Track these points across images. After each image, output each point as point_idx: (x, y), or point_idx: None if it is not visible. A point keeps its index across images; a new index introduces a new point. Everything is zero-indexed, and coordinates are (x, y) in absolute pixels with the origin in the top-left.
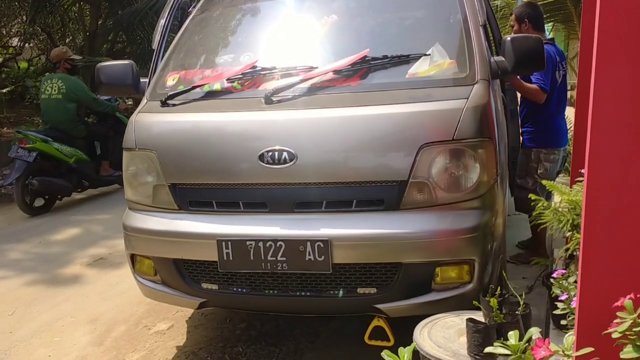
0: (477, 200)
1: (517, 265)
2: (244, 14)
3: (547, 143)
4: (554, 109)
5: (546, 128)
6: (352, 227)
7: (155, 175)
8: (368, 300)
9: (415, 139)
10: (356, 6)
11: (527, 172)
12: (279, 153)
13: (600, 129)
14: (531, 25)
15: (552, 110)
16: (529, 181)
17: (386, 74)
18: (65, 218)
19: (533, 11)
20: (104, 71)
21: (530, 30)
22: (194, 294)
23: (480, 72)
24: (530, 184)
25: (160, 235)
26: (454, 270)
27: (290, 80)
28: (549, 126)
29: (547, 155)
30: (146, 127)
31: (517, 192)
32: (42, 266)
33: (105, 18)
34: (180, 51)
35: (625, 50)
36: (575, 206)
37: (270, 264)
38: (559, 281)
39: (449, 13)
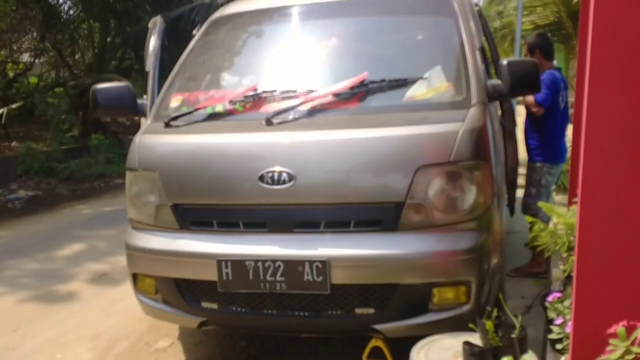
0: (474, 221)
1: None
2: (246, 38)
3: (551, 159)
4: (558, 130)
5: (551, 146)
6: (350, 248)
7: (158, 195)
8: (366, 321)
9: (412, 161)
10: (355, 30)
11: (531, 182)
12: (278, 174)
13: (593, 155)
14: (542, 55)
15: (557, 131)
16: (532, 190)
17: (384, 97)
18: (69, 233)
19: (543, 42)
20: (102, 93)
21: (542, 59)
22: (194, 312)
23: (476, 95)
24: (534, 192)
25: (162, 254)
26: (451, 291)
27: (291, 103)
28: (554, 145)
29: (549, 169)
30: (149, 147)
31: (523, 199)
32: (47, 282)
33: (114, 35)
34: (184, 73)
35: (617, 80)
36: (572, 228)
37: (269, 284)
38: (554, 305)
39: (446, 37)
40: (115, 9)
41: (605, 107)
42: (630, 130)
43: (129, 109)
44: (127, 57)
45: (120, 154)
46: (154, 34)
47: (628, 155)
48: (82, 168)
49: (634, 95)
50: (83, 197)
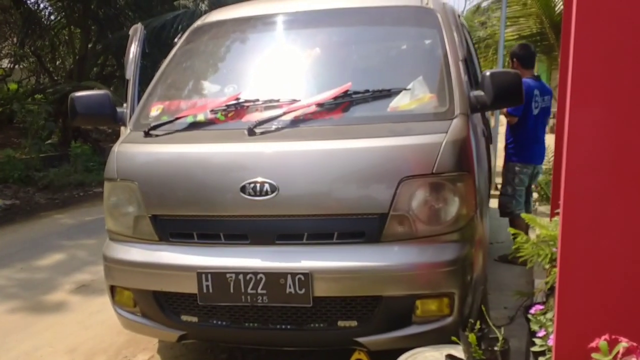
0: (457, 233)
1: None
2: (228, 46)
3: (522, 159)
4: (531, 134)
5: (522, 148)
6: (333, 260)
7: (137, 206)
8: (349, 334)
9: (395, 172)
10: (339, 40)
11: (507, 181)
12: (260, 185)
13: (574, 169)
14: (519, 64)
15: (529, 134)
16: (509, 189)
17: (368, 108)
18: (48, 243)
19: (520, 51)
20: (80, 101)
21: (520, 68)
22: (174, 326)
23: (459, 107)
24: (510, 191)
25: (140, 266)
26: (434, 303)
27: (273, 113)
28: (525, 147)
29: (522, 169)
30: (128, 157)
31: (500, 198)
32: (24, 293)
33: (95, 42)
34: (164, 81)
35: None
36: (555, 240)
37: (251, 296)
38: (537, 317)
39: (429, 48)
40: (96, 15)
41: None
42: (611, 144)
43: (108, 117)
44: (109, 64)
45: (101, 162)
46: (135, 41)
47: (609, 168)
48: (61, 177)
49: (615, 108)
50: (62, 206)
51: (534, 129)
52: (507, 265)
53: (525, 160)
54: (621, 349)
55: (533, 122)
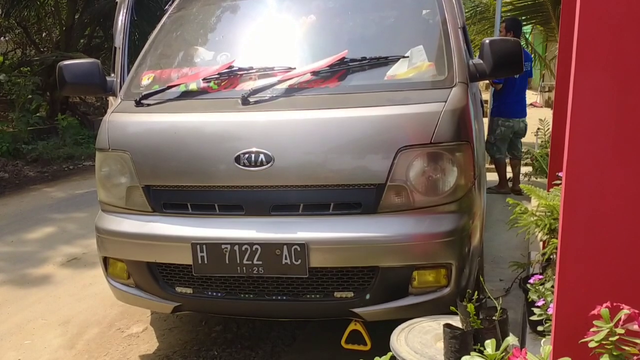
0: (455, 203)
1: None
2: (221, 13)
3: (503, 114)
4: (511, 94)
5: (506, 106)
6: (329, 231)
7: (129, 176)
8: (345, 304)
9: (393, 142)
10: (335, 7)
11: (490, 131)
12: (255, 155)
13: (578, 135)
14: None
15: (509, 94)
16: (491, 138)
17: (365, 76)
18: (39, 216)
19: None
20: (69, 70)
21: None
22: (168, 297)
23: (458, 75)
24: (492, 139)
25: (134, 238)
26: (431, 274)
27: (268, 81)
28: (508, 105)
29: (503, 122)
30: (120, 127)
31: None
32: (14, 266)
33: (82, 12)
34: (155, 50)
35: (603, 58)
36: (553, 210)
37: (246, 267)
38: (536, 286)
39: (428, 15)
40: None
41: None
42: (615, 110)
43: (97, 86)
44: (96, 35)
45: (90, 135)
46: (123, 8)
47: (613, 135)
48: (50, 150)
49: (620, 73)
50: (51, 180)
51: (517, 91)
52: (504, 238)
53: (508, 116)
54: (623, 316)
55: (516, 85)
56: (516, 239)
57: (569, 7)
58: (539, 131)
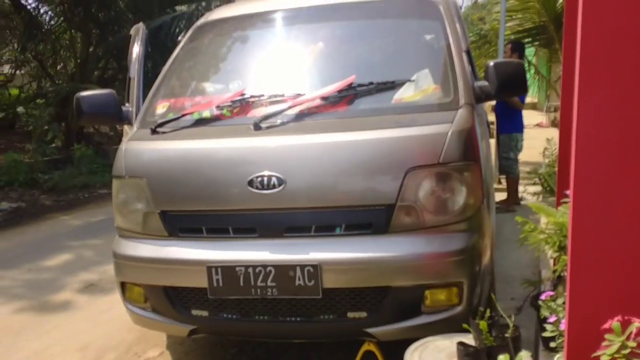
0: (464, 222)
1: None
2: (232, 43)
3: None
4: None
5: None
6: (341, 252)
7: (145, 202)
8: (358, 325)
9: (401, 163)
10: (342, 34)
11: (509, 148)
12: (267, 178)
13: (584, 152)
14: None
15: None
16: (511, 154)
17: (372, 100)
18: (56, 244)
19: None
20: (86, 101)
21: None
22: (185, 321)
23: (464, 97)
24: (512, 155)
25: (150, 262)
26: (442, 293)
27: (279, 107)
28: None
29: (519, 137)
30: (136, 154)
31: (504, 161)
32: (32, 293)
33: (96, 45)
34: (169, 79)
35: (607, 75)
36: (562, 228)
37: (260, 289)
38: (547, 303)
39: (433, 39)
40: (97, 19)
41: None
42: (620, 126)
43: (114, 116)
44: (110, 67)
45: (104, 164)
46: (137, 40)
47: (619, 151)
48: (66, 179)
49: (623, 91)
50: (67, 208)
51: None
52: (514, 257)
53: (521, 131)
54: (634, 329)
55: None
56: (527, 258)
57: (571, 28)
58: (546, 151)
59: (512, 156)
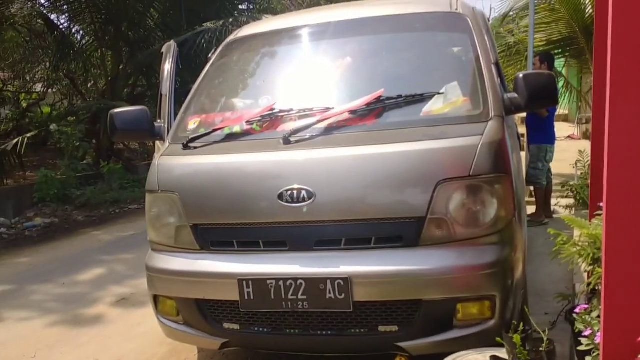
0: (496, 235)
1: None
2: (261, 59)
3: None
4: (552, 121)
5: (549, 131)
6: (371, 265)
7: (178, 216)
8: (390, 338)
9: (432, 176)
10: (370, 48)
11: (538, 159)
12: (297, 192)
13: (617, 162)
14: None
15: (551, 121)
16: (539, 165)
17: (401, 113)
18: (89, 258)
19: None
20: (119, 117)
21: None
22: (216, 334)
23: (494, 109)
24: (540, 166)
25: (183, 275)
26: (475, 307)
27: (308, 121)
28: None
29: (550, 148)
30: (169, 169)
31: (531, 171)
32: (66, 307)
33: (126, 63)
34: (200, 95)
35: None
36: (596, 240)
37: (291, 302)
38: (582, 316)
39: (461, 52)
40: (127, 37)
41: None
42: None
43: (146, 132)
44: (139, 85)
45: (134, 180)
46: (169, 58)
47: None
48: (97, 195)
49: None
50: (99, 223)
51: (553, 119)
52: (546, 271)
53: (552, 142)
54: None
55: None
56: (560, 272)
57: (601, 38)
58: (577, 163)
59: (539, 167)
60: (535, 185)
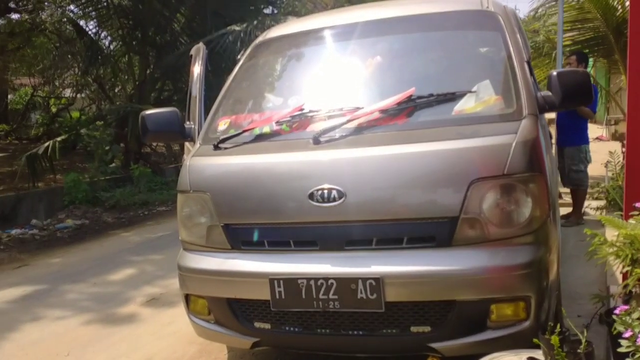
0: (531, 235)
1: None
2: (289, 60)
3: (585, 141)
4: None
5: (584, 133)
6: (403, 265)
7: (209, 216)
8: (422, 339)
9: (465, 175)
10: (399, 47)
11: (579, 160)
12: (328, 191)
13: None
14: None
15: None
16: (581, 166)
17: (432, 112)
18: (119, 259)
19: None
20: (150, 119)
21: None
22: (247, 333)
23: (527, 107)
24: (583, 167)
25: (214, 274)
26: (509, 308)
27: (337, 121)
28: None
29: (587, 149)
30: (200, 169)
31: (574, 174)
32: (98, 306)
33: (153, 67)
34: (230, 97)
35: None
36: (634, 240)
37: (322, 302)
38: (622, 317)
39: (493, 50)
40: (154, 42)
41: None
42: None
43: (177, 133)
44: (166, 89)
45: (162, 182)
46: (198, 60)
47: None
48: (126, 197)
49: None
50: (128, 225)
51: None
52: (579, 273)
53: (587, 142)
54: None
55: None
56: (592, 274)
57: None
58: (608, 164)
59: (582, 168)
60: (579, 188)
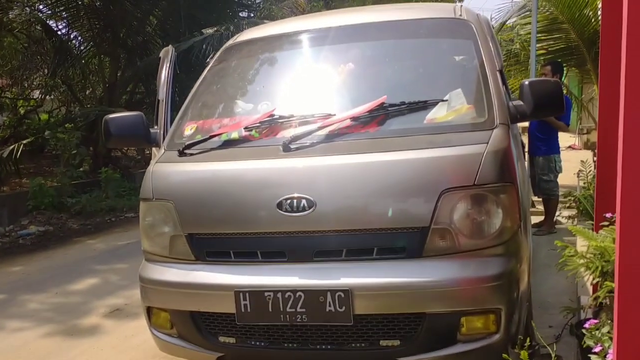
0: (501, 246)
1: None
2: (261, 64)
3: (556, 150)
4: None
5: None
6: (373, 276)
7: (172, 225)
8: (391, 353)
9: (435, 185)
10: (372, 54)
11: (549, 170)
12: (297, 201)
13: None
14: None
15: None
16: (551, 176)
17: (404, 120)
18: (82, 268)
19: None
20: (114, 123)
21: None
22: (212, 348)
23: (499, 117)
24: (553, 177)
25: (177, 287)
26: (480, 320)
27: (308, 128)
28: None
29: (558, 158)
30: (163, 176)
31: (544, 184)
32: (59, 317)
33: (124, 69)
34: (197, 101)
35: None
36: (604, 252)
37: (290, 315)
38: (592, 331)
39: (465, 59)
40: (125, 44)
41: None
42: None
43: (141, 138)
44: (138, 91)
45: (131, 187)
46: (166, 63)
47: None
48: (93, 203)
49: None
50: (94, 232)
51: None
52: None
53: (558, 152)
54: None
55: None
56: (563, 284)
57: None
58: (580, 173)
59: (552, 178)
60: (550, 197)
